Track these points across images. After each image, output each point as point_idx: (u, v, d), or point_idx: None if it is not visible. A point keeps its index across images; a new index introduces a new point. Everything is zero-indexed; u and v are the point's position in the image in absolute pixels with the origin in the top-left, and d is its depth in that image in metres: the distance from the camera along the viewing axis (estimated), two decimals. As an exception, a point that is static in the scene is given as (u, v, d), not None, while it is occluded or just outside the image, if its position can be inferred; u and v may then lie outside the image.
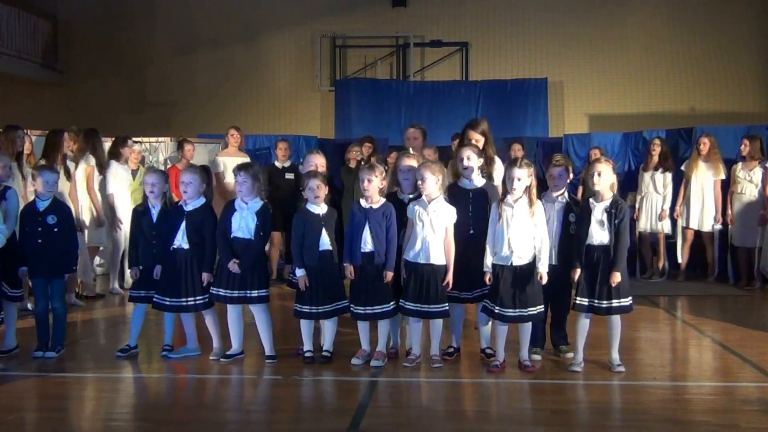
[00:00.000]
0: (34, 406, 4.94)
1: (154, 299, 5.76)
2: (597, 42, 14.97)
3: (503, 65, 15.06)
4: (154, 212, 5.85)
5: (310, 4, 15.43)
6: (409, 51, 15.26)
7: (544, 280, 5.33)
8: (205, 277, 5.68)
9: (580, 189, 9.12)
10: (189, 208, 5.72)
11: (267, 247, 7.39)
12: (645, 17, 14.89)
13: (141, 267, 5.85)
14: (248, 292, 5.60)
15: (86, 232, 8.14)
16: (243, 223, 5.59)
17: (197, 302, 5.70)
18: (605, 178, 5.34)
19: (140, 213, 5.91)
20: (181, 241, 5.67)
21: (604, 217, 5.30)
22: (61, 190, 7.63)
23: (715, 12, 14.75)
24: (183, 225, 5.67)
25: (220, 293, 5.63)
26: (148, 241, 5.82)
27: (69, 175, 7.90)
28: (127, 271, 7.10)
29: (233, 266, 5.54)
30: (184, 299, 5.67)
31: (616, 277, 5.29)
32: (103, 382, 5.36)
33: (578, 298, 5.38)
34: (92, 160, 8.21)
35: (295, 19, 15.43)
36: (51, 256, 5.80)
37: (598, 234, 5.31)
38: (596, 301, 5.33)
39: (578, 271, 5.34)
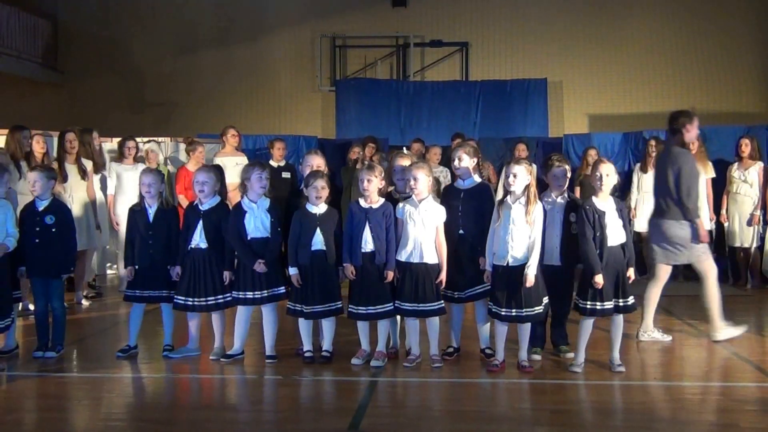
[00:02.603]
0: (34, 406, 4.94)
1: (176, 300, 5.73)
2: (597, 42, 14.97)
3: (503, 65, 15.07)
4: (151, 212, 5.85)
5: (310, 4, 15.44)
6: (409, 51, 15.26)
7: (530, 283, 5.24)
8: (227, 275, 5.68)
9: (578, 189, 9.11)
10: (205, 207, 5.73)
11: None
12: (645, 17, 14.89)
13: (137, 266, 5.85)
14: (275, 289, 5.62)
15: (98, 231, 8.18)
16: (258, 223, 5.61)
17: (218, 301, 5.71)
18: (612, 180, 5.35)
19: (136, 213, 5.91)
20: (198, 240, 5.68)
21: (616, 217, 5.32)
22: (73, 189, 7.70)
23: (715, 12, 14.76)
24: (200, 224, 5.67)
25: (248, 296, 5.62)
26: (145, 240, 5.82)
27: (85, 174, 7.91)
28: (122, 271, 7.10)
29: (260, 266, 5.54)
30: (205, 299, 5.67)
31: (633, 274, 5.35)
32: (103, 382, 5.36)
33: (605, 304, 5.30)
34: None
35: (295, 19, 15.43)
36: (48, 256, 5.81)
37: (615, 234, 5.32)
38: (621, 300, 5.33)
39: (601, 276, 5.27)
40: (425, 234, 5.42)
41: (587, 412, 4.78)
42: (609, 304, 5.32)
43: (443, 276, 5.46)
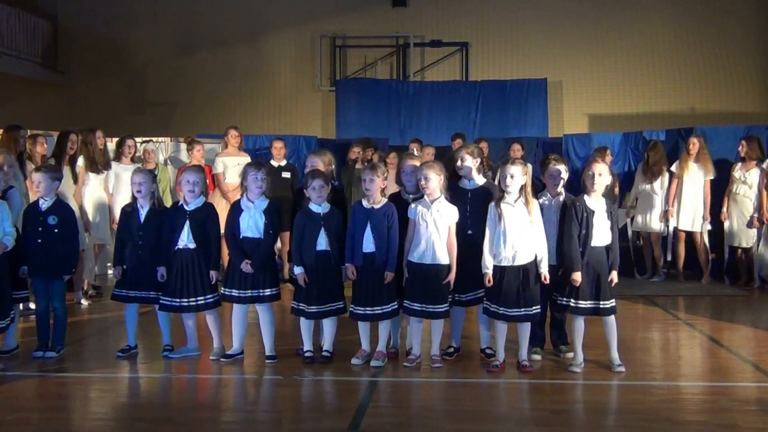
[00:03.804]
0: (34, 406, 4.93)
1: (162, 301, 5.73)
2: (597, 42, 14.98)
3: (503, 65, 15.08)
4: (142, 213, 5.84)
5: (310, 4, 15.45)
6: (409, 51, 15.28)
7: (548, 280, 5.33)
8: (213, 275, 5.69)
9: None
10: (191, 207, 5.73)
11: (278, 246, 7.38)
12: (645, 18, 14.91)
13: (125, 266, 5.85)
14: (261, 291, 5.62)
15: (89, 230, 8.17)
16: (252, 223, 5.60)
17: (207, 301, 5.72)
18: (605, 179, 5.35)
19: (128, 213, 5.91)
20: (186, 241, 5.67)
21: (605, 218, 5.32)
22: (63, 190, 7.68)
23: (715, 12, 14.77)
24: (187, 225, 5.67)
25: (233, 294, 5.64)
26: (134, 241, 5.81)
27: (77, 178, 7.90)
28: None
29: (246, 266, 5.54)
30: (194, 299, 5.67)
31: (616, 277, 5.31)
32: (103, 382, 5.36)
33: (580, 302, 5.32)
34: (81, 160, 8.15)
35: (295, 19, 15.45)
36: (50, 256, 5.80)
37: (602, 235, 5.31)
38: (601, 302, 5.32)
39: (579, 273, 5.29)
40: (438, 235, 5.40)
41: (587, 412, 4.79)
42: (585, 304, 5.31)
43: (452, 277, 5.45)
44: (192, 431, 4.43)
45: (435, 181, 5.40)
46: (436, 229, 5.40)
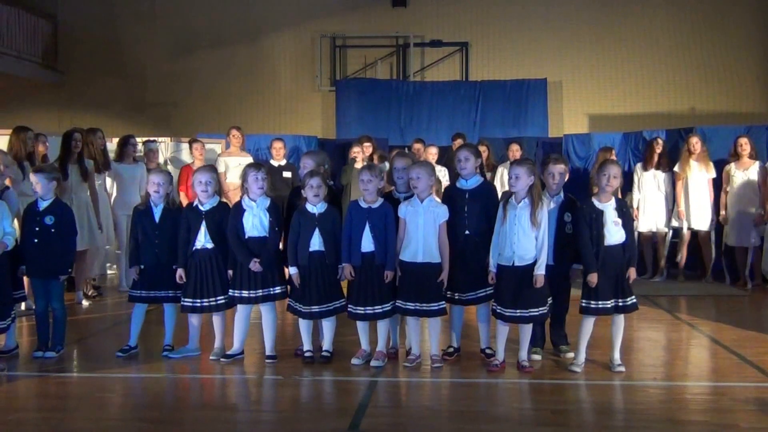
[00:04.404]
0: (34, 406, 4.94)
1: (184, 303, 5.72)
2: (597, 42, 14.97)
3: (503, 65, 15.07)
4: (156, 211, 5.84)
5: (310, 4, 15.45)
6: (409, 51, 15.27)
7: (539, 284, 5.28)
8: (231, 273, 5.69)
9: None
10: (206, 207, 5.72)
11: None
12: (645, 17, 14.90)
13: (142, 266, 5.85)
14: (271, 289, 5.62)
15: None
16: (257, 222, 5.60)
17: (227, 301, 5.72)
18: (618, 181, 5.40)
19: (141, 212, 5.90)
20: (204, 241, 5.67)
21: (616, 216, 5.33)
22: (74, 189, 7.69)
23: (715, 12, 14.77)
24: (203, 225, 5.67)
25: (243, 294, 5.62)
26: (150, 240, 5.81)
27: (86, 176, 7.90)
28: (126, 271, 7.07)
29: (255, 265, 5.53)
30: (213, 299, 5.68)
31: (634, 273, 5.36)
32: (103, 382, 5.36)
33: (601, 302, 5.30)
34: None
35: (295, 19, 15.44)
36: (47, 256, 5.79)
37: (615, 234, 5.31)
38: (621, 300, 5.33)
39: (596, 275, 5.27)
40: (428, 233, 5.40)
41: (587, 412, 4.79)
42: (607, 303, 5.31)
43: (445, 275, 5.45)
44: (192, 431, 4.43)
45: (425, 180, 5.40)
46: (426, 228, 5.40)
